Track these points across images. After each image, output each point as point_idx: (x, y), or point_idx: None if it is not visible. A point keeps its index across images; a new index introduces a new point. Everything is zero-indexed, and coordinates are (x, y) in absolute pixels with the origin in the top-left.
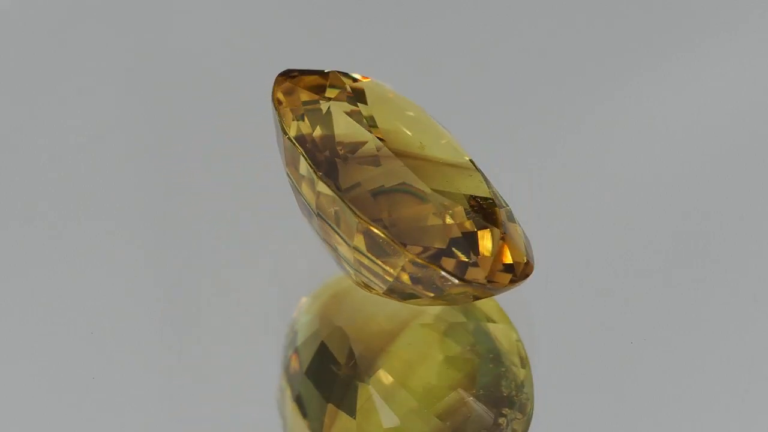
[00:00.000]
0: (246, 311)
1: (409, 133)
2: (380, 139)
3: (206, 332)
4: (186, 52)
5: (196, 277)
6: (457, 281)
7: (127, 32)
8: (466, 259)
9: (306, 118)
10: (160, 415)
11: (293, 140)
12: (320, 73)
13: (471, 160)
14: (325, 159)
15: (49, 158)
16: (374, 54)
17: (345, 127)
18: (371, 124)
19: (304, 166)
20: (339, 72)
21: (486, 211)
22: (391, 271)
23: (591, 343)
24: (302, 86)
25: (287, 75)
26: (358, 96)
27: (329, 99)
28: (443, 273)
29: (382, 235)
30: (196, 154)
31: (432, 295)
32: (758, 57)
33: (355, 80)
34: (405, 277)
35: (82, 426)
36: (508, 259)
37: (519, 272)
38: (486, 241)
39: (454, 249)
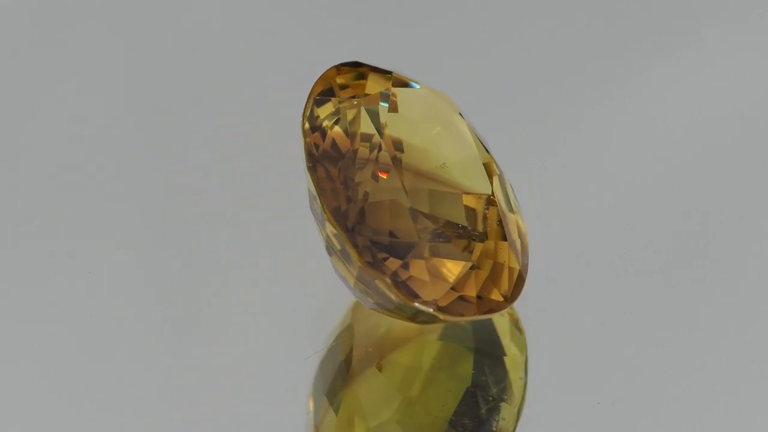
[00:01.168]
0: (247, 311)
1: (434, 149)
2: (397, 150)
3: (207, 332)
4: (187, 51)
5: (197, 276)
6: (399, 299)
7: (126, 31)
8: (413, 278)
9: (335, 114)
10: (160, 415)
11: (303, 131)
12: (377, 72)
13: (492, 194)
14: (327, 155)
15: (49, 156)
16: (373, 53)
17: (365, 130)
18: (393, 134)
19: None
20: (398, 75)
21: (463, 240)
22: (352, 272)
23: (590, 344)
24: (348, 81)
25: (342, 66)
26: (397, 103)
27: (366, 99)
28: (385, 286)
29: (342, 236)
30: (198, 154)
31: (389, 308)
32: (758, 57)
33: (412, 86)
34: (360, 281)
35: (81, 426)
36: (472, 291)
37: (485, 308)
38: (441, 268)
39: (407, 267)
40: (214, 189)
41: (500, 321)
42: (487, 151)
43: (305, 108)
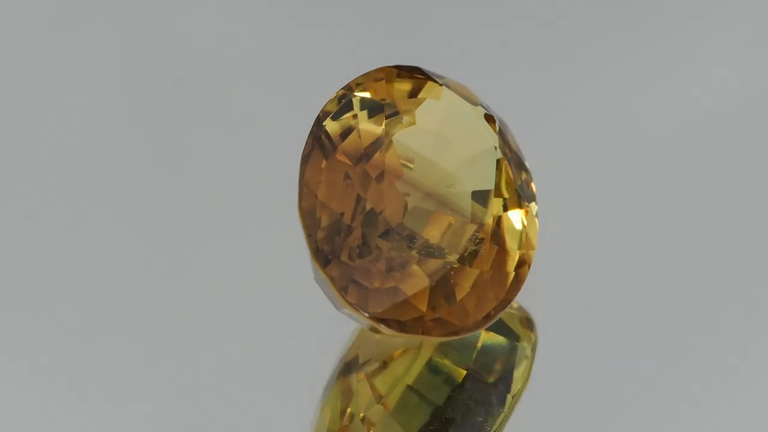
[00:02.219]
0: (247, 313)
1: (454, 171)
2: (417, 166)
3: (207, 332)
4: (188, 50)
5: (197, 276)
6: (345, 305)
7: (127, 27)
8: (365, 285)
9: (371, 113)
10: (160, 414)
11: (322, 121)
12: (432, 81)
13: (489, 223)
14: (352, 153)
15: (49, 154)
16: (373, 48)
17: (393, 138)
18: (419, 149)
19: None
20: (449, 90)
21: (440, 262)
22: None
23: (590, 343)
24: (395, 85)
25: (394, 68)
26: (435, 119)
27: (406, 108)
28: (335, 291)
29: (303, 226)
30: (199, 153)
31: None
32: (759, 56)
33: (458, 101)
34: (316, 278)
35: (81, 427)
36: (431, 313)
37: (443, 330)
38: (409, 284)
39: (378, 277)
40: (216, 188)
41: (516, 348)
42: (516, 185)
43: (332, 100)
